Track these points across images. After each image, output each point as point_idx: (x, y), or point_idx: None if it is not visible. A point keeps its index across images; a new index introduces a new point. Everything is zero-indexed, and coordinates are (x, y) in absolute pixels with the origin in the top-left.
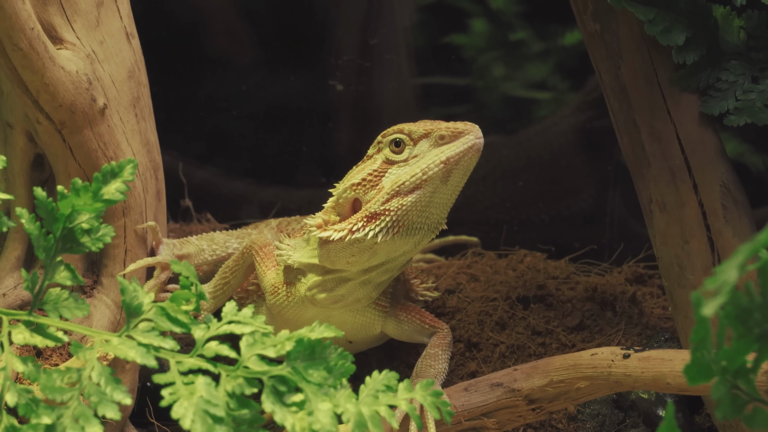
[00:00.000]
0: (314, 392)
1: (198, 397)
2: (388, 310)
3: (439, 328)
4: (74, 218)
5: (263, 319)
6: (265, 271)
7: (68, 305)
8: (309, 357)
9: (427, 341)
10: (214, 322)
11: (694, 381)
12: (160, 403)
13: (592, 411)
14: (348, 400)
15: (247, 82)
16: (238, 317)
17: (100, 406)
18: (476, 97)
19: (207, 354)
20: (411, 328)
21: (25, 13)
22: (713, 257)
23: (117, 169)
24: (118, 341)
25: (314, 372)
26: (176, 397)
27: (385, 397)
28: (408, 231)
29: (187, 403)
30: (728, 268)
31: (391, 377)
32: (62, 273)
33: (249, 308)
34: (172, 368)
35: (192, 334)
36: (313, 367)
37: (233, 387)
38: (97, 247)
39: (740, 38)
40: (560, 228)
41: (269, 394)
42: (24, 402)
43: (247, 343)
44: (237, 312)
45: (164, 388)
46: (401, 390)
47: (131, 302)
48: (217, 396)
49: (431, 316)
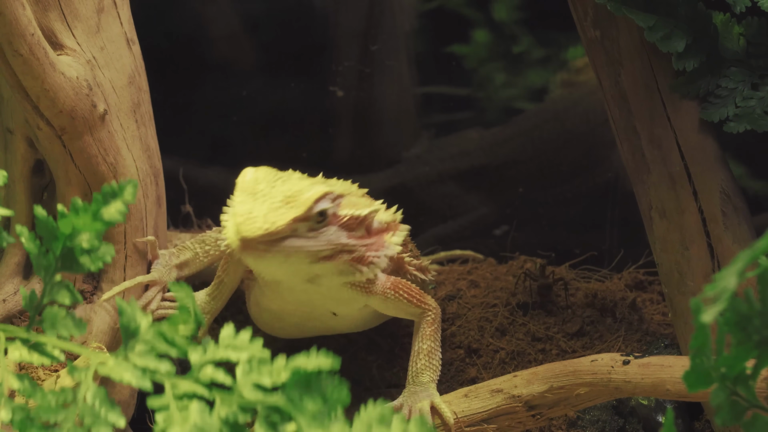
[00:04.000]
0: (308, 423)
1: (192, 424)
2: (371, 288)
3: (427, 309)
4: (74, 237)
5: (261, 343)
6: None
7: (66, 324)
8: (305, 387)
9: (414, 320)
10: (211, 346)
11: (693, 387)
12: (154, 428)
13: (592, 417)
14: (341, 431)
15: (248, 88)
16: (236, 342)
17: (95, 428)
18: (477, 105)
19: (202, 379)
20: (397, 306)
21: (26, 18)
22: (713, 264)
23: (118, 189)
24: (114, 362)
25: (309, 402)
26: (169, 423)
27: (379, 429)
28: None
29: (180, 429)
30: (728, 275)
31: (386, 409)
32: (61, 292)
33: (246, 331)
34: (168, 392)
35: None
36: (308, 396)
37: (227, 414)
38: (97, 267)
39: (740, 45)
40: (560, 234)
41: (262, 423)
42: (19, 419)
43: (243, 371)
44: (235, 336)
45: (158, 412)
46: (396, 423)
47: (128, 324)
48: (210, 423)
49: (419, 295)
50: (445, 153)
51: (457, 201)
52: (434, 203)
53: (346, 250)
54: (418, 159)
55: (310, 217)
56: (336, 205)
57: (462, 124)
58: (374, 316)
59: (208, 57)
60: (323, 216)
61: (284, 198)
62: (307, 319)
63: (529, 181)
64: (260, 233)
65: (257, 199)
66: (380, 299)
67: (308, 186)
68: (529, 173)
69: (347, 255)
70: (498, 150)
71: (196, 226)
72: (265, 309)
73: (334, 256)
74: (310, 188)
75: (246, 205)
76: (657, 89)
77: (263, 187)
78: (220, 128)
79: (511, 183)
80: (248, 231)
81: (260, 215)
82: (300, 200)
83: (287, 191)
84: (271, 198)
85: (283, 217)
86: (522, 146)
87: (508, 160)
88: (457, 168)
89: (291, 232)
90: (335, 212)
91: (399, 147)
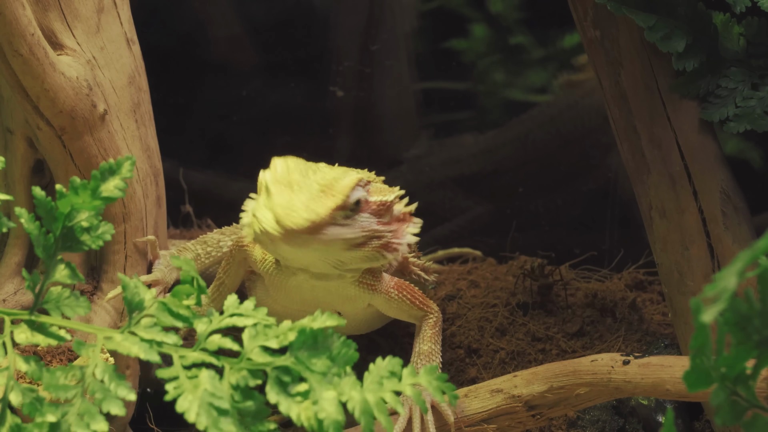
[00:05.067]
0: (318, 381)
1: (202, 390)
2: (377, 287)
3: (429, 312)
4: (73, 216)
5: (265, 311)
6: (253, 248)
7: (69, 303)
8: (312, 346)
9: (416, 323)
10: (216, 316)
11: (693, 387)
12: (165, 397)
13: (592, 417)
14: (352, 387)
15: (248, 87)
16: (240, 310)
17: (105, 403)
18: (477, 102)
19: (210, 347)
20: (399, 308)
21: (26, 18)
22: (713, 264)
23: (115, 166)
24: (121, 337)
25: (317, 361)
26: (180, 391)
27: (390, 383)
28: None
29: (191, 396)
30: (728, 275)
31: (396, 363)
32: (62, 271)
33: (251, 300)
34: (176, 363)
35: (194, 328)
36: (316, 356)
37: (237, 379)
38: (97, 245)
39: (740, 45)
40: (560, 234)
41: (273, 384)
42: (28, 401)
43: (250, 335)
44: (239, 305)
45: (168, 383)
46: (406, 375)
47: (132, 298)
48: (221, 389)
49: (422, 298)
50: (446, 153)
51: (457, 201)
52: (434, 203)
53: (376, 236)
54: (418, 159)
55: (347, 205)
56: (366, 191)
57: (462, 124)
58: (376, 317)
59: (208, 57)
60: (358, 203)
61: (320, 187)
62: None
63: (529, 181)
64: (305, 224)
65: (294, 189)
66: (384, 299)
67: (341, 174)
68: (529, 173)
69: (377, 241)
70: (498, 150)
71: (196, 226)
72: (270, 310)
73: (366, 242)
74: (345, 176)
75: (284, 196)
76: (657, 89)
77: (297, 177)
78: (220, 128)
79: (511, 183)
80: (291, 222)
81: (301, 206)
82: (337, 188)
83: (321, 180)
84: (308, 188)
85: (324, 206)
86: (522, 147)
87: (509, 159)
88: (458, 168)
89: (331, 221)
90: (366, 199)
91: (399, 147)
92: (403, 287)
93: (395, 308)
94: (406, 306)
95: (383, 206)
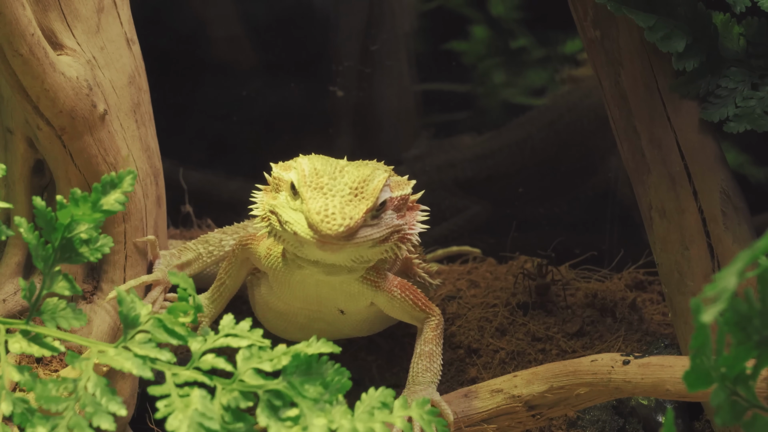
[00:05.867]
0: (309, 407)
1: (193, 409)
2: (380, 284)
3: (431, 314)
4: (73, 228)
5: (261, 333)
6: (257, 245)
7: (66, 315)
8: (305, 372)
9: (417, 326)
10: (211, 335)
11: (693, 387)
12: (155, 415)
13: (592, 417)
14: (343, 416)
15: (248, 87)
16: (236, 330)
17: (95, 417)
18: (476, 103)
19: (203, 367)
20: (402, 308)
21: (26, 18)
22: (713, 264)
23: (116, 179)
24: (114, 352)
25: (310, 387)
26: (171, 410)
27: (381, 414)
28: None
29: (182, 415)
30: (728, 275)
31: (387, 394)
32: (60, 283)
33: (246, 322)
34: (168, 380)
35: (189, 347)
36: (309, 382)
37: (228, 400)
38: (96, 258)
39: (740, 45)
40: (560, 234)
41: (264, 408)
42: (20, 411)
43: (244, 357)
44: (234, 325)
45: (159, 400)
46: (397, 407)
47: (128, 313)
48: (212, 409)
49: (425, 299)
50: (445, 154)
51: (457, 201)
52: (434, 203)
53: (397, 230)
54: (417, 159)
55: (376, 206)
56: (389, 188)
57: (462, 124)
58: (378, 318)
59: (208, 57)
60: (384, 203)
61: (351, 190)
62: (313, 319)
63: (529, 181)
64: (341, 230)
65: (326, 193)
66: (387, 297)
67: (369, 173)
68: (529, 174)
69: (397, 235)
70: (498, 151)
71: (195, 226)
72: (272, 308)
73: (389, 238)
74: (373, 176)
75: (318, 201)
76: (657, 89)
77: (327, 181)
78: (220, 128)
79: (511, 183)
80: (328, 229)
81: (337, 211)
82: (368, 191)
83: (350, 182)
84: (339, 191)
85: (357, 211)
86: (522, 148)
87: (509, 160)
88: (458, 168)
89: (363, 223)
90: (390, 196)
91: (399, 147)
92: (406, 287)
93: (397, 308)
94: (408, 306)
95: (403, 200)
